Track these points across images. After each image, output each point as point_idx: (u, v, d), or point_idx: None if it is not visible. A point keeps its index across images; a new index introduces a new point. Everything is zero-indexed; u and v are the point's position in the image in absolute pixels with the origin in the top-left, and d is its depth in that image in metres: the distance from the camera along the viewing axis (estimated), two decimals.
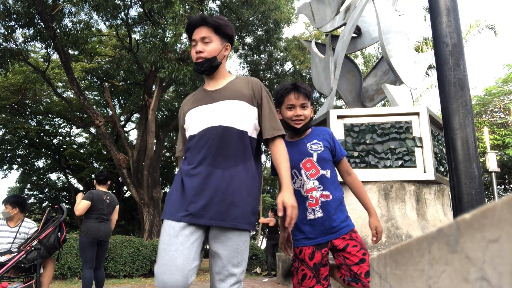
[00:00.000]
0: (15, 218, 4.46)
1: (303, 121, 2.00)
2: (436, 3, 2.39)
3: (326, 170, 1.98)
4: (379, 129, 5.57)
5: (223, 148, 1.71)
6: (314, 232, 1.94)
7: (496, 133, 14.64)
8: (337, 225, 1.94)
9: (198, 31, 1.81)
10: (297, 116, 1.99)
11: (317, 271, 1.92)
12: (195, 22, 1.82)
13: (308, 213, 1.95)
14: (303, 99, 1.99)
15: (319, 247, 1.94)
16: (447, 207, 5.87)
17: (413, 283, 0.47)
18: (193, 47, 1.83)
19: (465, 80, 2.29)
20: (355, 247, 1.89)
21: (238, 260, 1.68)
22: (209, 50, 1.79)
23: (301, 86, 2.02)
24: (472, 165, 2.18)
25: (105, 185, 4.95)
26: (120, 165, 12.24)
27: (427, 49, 14.48)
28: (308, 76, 14.91)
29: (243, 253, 1.69)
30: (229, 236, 1.67)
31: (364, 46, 7.91)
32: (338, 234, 1.93)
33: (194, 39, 1.81)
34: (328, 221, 1.93)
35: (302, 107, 2.00)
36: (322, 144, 2.00)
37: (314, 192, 1.95)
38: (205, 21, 1.80)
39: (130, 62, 14.81)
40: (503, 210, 0.31)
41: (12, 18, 11.11)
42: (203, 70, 1.80)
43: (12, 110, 16.61)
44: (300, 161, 1.98)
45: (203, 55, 1.79)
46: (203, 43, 1.80)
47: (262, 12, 13.05)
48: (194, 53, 1.81)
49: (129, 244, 8.78)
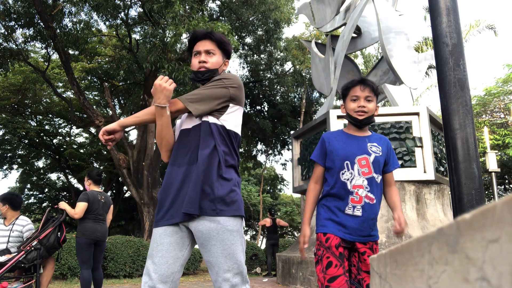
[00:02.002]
0: (8, 216, 4.44)
1: (366, 113, 2.01)
2: (436, 3, 2.39)
3: (378, 175, 1.99)
4: (379, 129, 5.56)
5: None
6: (346, 227, 1.95)
7: (496, 133, 14.64)
8: (368, 231, 1.96)
9: (203, 43, 1.89)
10: (360, 107, 2.00)
11: (343, 261, 1.90)
12: (201, 35, 1.90)
13: (347, 207, 1.95)
14: (368, 92, 2.02)
15: (344, 242, 1.95)
16: (447, 207, 5.87)
17: (413, 283, 0.47)
18: (195, 56, 1.90)
19: (465, 80, 2.29)
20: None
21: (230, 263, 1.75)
22: (212, 62, 1.87)
23: (368, 80, 2.06)
24: (472, 165, 2.18)
25: (99, 185, 4.92)
26: (120, 165, 12.25)
27: (427, 49, 14.48)
28: (308, 76, 14.91)
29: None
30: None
31: (364, 46, 7.91)
32: (365, 239, 1.95)
33: (198, 50, 1.89)
34: (364, 224, 1.94)
35: (367, 100, 2.02)
36: (381, 149, 2.03)
37: (360, 190, 1.95)
38: (211, 35, 1.90)
39: (130, 62, 14.81)
40: (503, 210, 0.31)
41: (12, 18, 11.11)
42: (203, 79, 1.87)
43: (12, 110, 16.61)
44: (356, 156, 1.99)
45: (206, 65, 1.86)
46: (207, 55, 1.88)
47: (262, 12, 13.05)
48: (196, 62, 1.88)
49: (129, 244, 8.78)
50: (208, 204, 1.67)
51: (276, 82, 15.97)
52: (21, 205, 4.62)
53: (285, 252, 6.61)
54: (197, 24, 9.36)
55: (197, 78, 1.89)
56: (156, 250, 1.73)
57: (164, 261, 1.71)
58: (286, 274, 6.24)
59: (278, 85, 16.29)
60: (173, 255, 1.73)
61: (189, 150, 1.77)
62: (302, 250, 2.07)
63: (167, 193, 1.76)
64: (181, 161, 1.76)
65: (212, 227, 1.67)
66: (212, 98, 1.76)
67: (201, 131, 1.76)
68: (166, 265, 1.71)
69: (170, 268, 1.71)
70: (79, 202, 4.61)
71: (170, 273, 1.71)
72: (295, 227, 25.17)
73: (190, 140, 1.78)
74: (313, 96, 17.03)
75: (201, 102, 1.75)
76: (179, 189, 1.72)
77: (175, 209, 1.72)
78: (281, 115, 16.06)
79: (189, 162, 1.74)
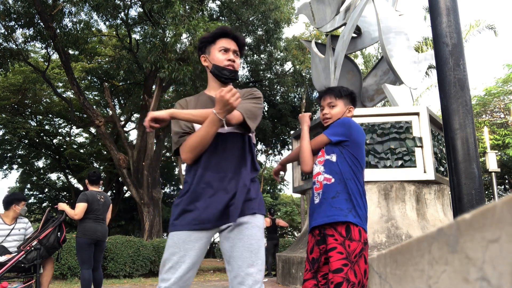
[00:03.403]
0: (12, 215, 4.45)
1: (330, 119, 2.18)
2: (436, 3, 2.39)
3: (331, 155, 2.07)
4: (379, 129, 5.56)
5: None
6: (312, 216, 2.02)
7: (496, 133, 14.64)
8: (331, 210, 1.94)
9: (231, 43, 1.91)
10: (324, 114, 2.20)
11: (313, 266, 1.98)
12: (231, 34, 1.93)
13: (315, 197, 2.05)
14: (330, 98, 2.19)
15: (318, 243, 1.99)
16: (447, 207, 5.88)
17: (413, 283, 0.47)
18: (223, 53, 1.89)
19: (465, 80, 2.29)
20: (340, 253, 1.88)
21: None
22: (237, 63, 1.91)
23: (329, 88, 2.26)
24: (472, 165, 2.18)
25: (98, 185, 4.93)
26: (120, 165, 12.25)
27: (427, 49, 14.48)
28: (308, 76, 14.91)
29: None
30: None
31: (364, 46, 7.91)
32: (329, 219, 1.93)
33: (228, 47, 1.89)
34: (324, 204, 1.97)
35: (330, 106, 2.19)
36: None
37: (319, 177, 2.07)
38: (239, 38, 1.95)
39: (130, 62, 14.82)
40: (503, 210, 0.31)
41: (12, 18, 11.11)
42: (229, 77, 1.89)
43: (12, 110, 16.61)
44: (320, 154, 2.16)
45: (235, 65, 1.89)
46: (234, 55, 1.91)
47: (262, 12, 13.05)
48: (225, 59, 1.88)
49: (129, 244, 8.78)
50: (248, 206, 1.75)
51: (276, 82, 15.97)
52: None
53: (285, 252, 6.61)
54: (197, 24, 9.36)
55: (222, 75, 1.87)
56: (179, 255, 1.68)
57: (186, 268, 1.67)
58: (286, 274, 6.25)
59: (278, 85, 16.29)
60: (195, 261, 1.70)
61: (230, 157, 1.78)
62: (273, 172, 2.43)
63: (202, 197, 1.73)
64: (223, 167, 1.76)
65: (243, 222, 1.72)
66: (259, 116, 1.87)
67: (243, 142, 1.82)
68: (189, 274, 1.68)
69: (191, 277, 1.71)
70: (78, 203, 4.61)
71: (188, 278, 1.70)
72: (295, 227, 25.17)
73: (227, 146, 1.79)
74: (313, 96, 17.03)
75: (254, 120, 1.82)
76: (221, 195, 1.72)
77: (220, 213, 1.71)
78: (281, 115, 16.06)
79: (233, 170, 1.76)
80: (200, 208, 1.71)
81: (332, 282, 1.83)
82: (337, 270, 1.84)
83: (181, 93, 15.68)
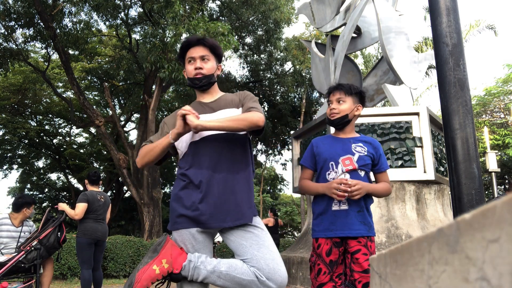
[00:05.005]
0: (20, 218, 4.50)
1: (338, 114, 2.13)
2: (436, 3, 2.39)
3: (362, 170, 2.05)
4: (379, 129, 5.56)
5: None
6: (335, 224, 1.98)
7: (496, 133, 14.64)
8: (357, 224, 1.97)
9: (196, 50, 1.89)
10: (331, 109, 2.14)
11: (332, 268, 1.97)
12: (194, 42, 1.90)
13: (334, 203, 2.01)
14: (339, 94, 2.15)
15: (337, 245, 1.99)
16: (447, 207, 5.87)
17: (413, 283, 0.47)
18: (190, 63, 1.90)
19: (465, 80, 2.29)
20: (365, 255, 1.93)
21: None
22: (208, 67, 1.88)
23: (340, 84, 2.21)
24: (472, 165, 2.18)
25: (97, 185, 4.94)
26: (120, 165, 12.25)
27: (427, 49, 14.48)
28: (308, 76, 14.91)
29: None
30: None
31: (364, 46, 7.91)
32: (356, 232, 1.96)
33: (192, 56, 1.88)
34: (351, 215, 1.97)
35: (338, 102, 2.14)
36: (366, 150, 2.09)
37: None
38: (203, 41, 1.90)
39: (130, 62, 14.82)
40: (503, 210, 0.31)
41: (12, 18, 11.11)
42: (201, 85, 1.88)
43: (12, 110, 16.61)
44: (340, 156, 2.07)
45: (203, 72, 1.87)
46: (202, 61, 1.88)
47: (262, 12, 13.05)
48: (192, 69, 1.88)
49: (129, 244, 8.78)
50: (246, 207, 1.78)
51: (276, 82, 15.97)
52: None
53: (285, 252, 6.61)
54: (197, 24, 9.36)
55: (194, 85, 1.89)
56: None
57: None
58: None
59: (278, 85, 16.29)
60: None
61: (229, 156, 1.79)
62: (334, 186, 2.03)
63: (204, 196, 1.74)
64: (222, 167, 1.77)
65: (243, 223, 1.77)
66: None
67: (242, 142, 1.83)
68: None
69: None
70: (78, 203, 4.61)
71: None
72: (295, 227, 25.17)
73: (223, 145, 1.79)
74: (313, 96, 17.04)
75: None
76: (226, 195, 1.74)
77: (222, 214, 1.73)
78: (281, 115, 16.06)
79: (233, 169, 1.78)
80: (201, 208, 1.73)
81: (359, 281, 1.88)
82: (367, 271, 1.89)
83: (181, 93, 15.69)
